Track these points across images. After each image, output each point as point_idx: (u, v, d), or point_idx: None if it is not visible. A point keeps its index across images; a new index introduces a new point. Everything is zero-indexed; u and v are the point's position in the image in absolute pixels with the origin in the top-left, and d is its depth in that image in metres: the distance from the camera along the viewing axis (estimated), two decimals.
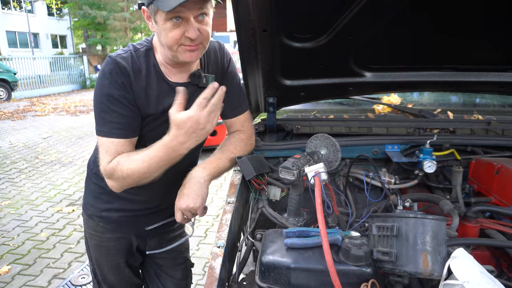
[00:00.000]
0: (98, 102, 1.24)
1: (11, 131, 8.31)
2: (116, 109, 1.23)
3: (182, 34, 1.15)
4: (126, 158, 1.23)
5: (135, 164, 1.21)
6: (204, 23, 1.18)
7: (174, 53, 1.20)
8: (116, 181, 1.26)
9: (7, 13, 22.79)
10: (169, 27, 1.14)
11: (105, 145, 1.24)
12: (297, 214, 1.32)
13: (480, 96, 2.54)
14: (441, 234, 0.93)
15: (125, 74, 1.22)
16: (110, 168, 1.23)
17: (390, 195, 1.36)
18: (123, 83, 1.22)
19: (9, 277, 2.97)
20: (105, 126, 1.24)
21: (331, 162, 1.50)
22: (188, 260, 1.80)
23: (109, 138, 1.24)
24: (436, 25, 1.26)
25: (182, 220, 1.28)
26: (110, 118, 1.23)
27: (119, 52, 1.27)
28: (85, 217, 1.56)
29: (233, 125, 1.52)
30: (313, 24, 1.23)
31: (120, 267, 1.59)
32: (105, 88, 1.22)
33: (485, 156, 1.62)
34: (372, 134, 1.73)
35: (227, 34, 22.59)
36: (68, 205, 4.38)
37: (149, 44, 1.32)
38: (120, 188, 1.29)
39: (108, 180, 1.28)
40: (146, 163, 1.20)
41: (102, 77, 1.23)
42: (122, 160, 1.23)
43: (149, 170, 1.21)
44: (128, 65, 1.23)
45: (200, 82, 1.35)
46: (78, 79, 17.91)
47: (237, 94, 1.49)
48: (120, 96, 1.22)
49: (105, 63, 1.24)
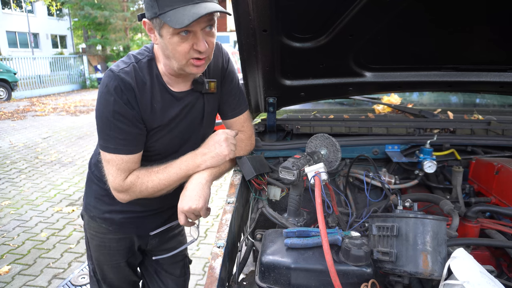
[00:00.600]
0: (103, 118, 1.21)
1: (11, 131, 8.31)
2: (122, 126, 1.21)
3: (190, 48, 1.14)
4: (145, 173, 1.29)
5: (156, 176, 1.28)
6: (211, 35, 1.17)
7: (181, 67, 1.19)
8: (130, 195, 1.30)
9: (7, 13, 22.78)
10: (177, 41, 1.12)
11: (115, 162, 1.25)
12: (297, 214, 1.32)
13: (480, 96, 2.54)
14: (441, 234, 0.93)
15: (130, 90, 1.20)
16: (128, 183, 1.26)
17: (390, 195, 1.36)
18: (128, 99, 1.20)
19: (9, 277, 2.97)
20: (111, 142, 1.23)
21: (331, 162, 1.50)
22: (186, 257, 1.82)
23: (117, 154, 1.24)
24: (436, 25, 1.26)
25: (185, 223, 1.27)
26: (116, 134, 1.21)
27: (121, 66, 1.22)
28: (87, 218, 1.55)
29: (233, 125, 1.52)
30: (313, 24, 1.23)
31: (121, 266, 1.59)
32: (109, 105, 1.19)
33: (485, 156, 1.62)
34: (372, 134, 1.73)
35: (227, 34, 22.59)
36: (68, 205, 4.38)
37: (151, 53, 1.29)
38: (128, 200, 1.32)
39: (120, 193, 1.30)
40: (166, 173, 1.28)
41: (106, 93, 1.19)
42: (141, 175, 1.28)
43: (168, 180, 1.29)
44: (133, 80, 1.20)
45: (203, 89, 1.35)
46: (78, 79, 17.92)
47: (237, 94, 1.49)
48: (126, 113, 1.20)
49: (108, 78, 1.20)
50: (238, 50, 1.26)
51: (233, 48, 15.53)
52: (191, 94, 1.35)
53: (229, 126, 1.54)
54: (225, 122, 1.54)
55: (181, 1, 1.06)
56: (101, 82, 1.24)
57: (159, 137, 1.33)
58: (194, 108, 1.37)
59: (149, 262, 1.71)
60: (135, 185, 1.27)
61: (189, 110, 1.36)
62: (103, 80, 1.22)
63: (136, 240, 1.57)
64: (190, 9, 1.05)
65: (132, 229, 1.53)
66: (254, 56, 1.29)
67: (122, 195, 1.30)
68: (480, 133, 1.74)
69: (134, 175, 1.27)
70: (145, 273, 1.75)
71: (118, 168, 1.25)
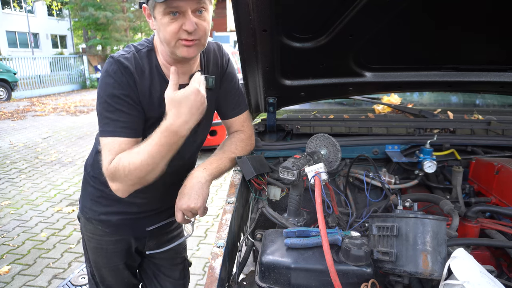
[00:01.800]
0: (102, 102, 1.21)
1: (11, 131, 8.31)
2: (121, 108, 1.20)
3: (179, 28, 1.14)
4: (126, 153, 1.18)
5: (136, 157, 1.15)
6: (202, 19, 1.17)
7: (172, 49, 1.19)
8: (119, 181, 1.19)
9: (7, 13, 22.79)
10: (167, 22, 1.13)
11: (109, 145, 1.20)
12: (297, 214, 1.32)
13: (480, 96, 2.54)
14: (441, 234, 0.93)
15: (129, 74, 1.21)
16: (112, 167, 1.17)
17: (390, 195, 1.36)
18: (128, 82, 1.21)
19: (9, 277, 2.97)
20: (110, 125, 1.20)
21: (331, 162, 1.50)
22: (186, 260, 1.80)
23: (114, 137, 1.20)
24: (436, 25, 1.26)
25: (182, 220, 1.27)
26: (115, 117, 1.20)
27: (121, 53, 1.25)
28: (83, 220, 1.53)
29: (233, 125, 1.52)
30: (313, 24, 1.23)
31: (119, 269, 1.58)
32: (109, 87, 1.20)
33: (485, 156, 1.62)
34: (372, 134, 1.73)
35: (227, 34, 22.56)
36: (68, 205, 4.38)
37: (150, 44, 1.31)
38: (125, 190, 1.23)
39: (111, 182, 1.22)
40: (148, 153, 1.14)
41: (106, 77, 1.21)
42: (123, 156, 1.17)
43: (153, 161, 1.15)
44: (132, 65, 1.22)
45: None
46: (78, 79, 17.92)
47: (236, 94, 1.49)
48: (125, 95, 1.21)
49: (108, 63, 1.22)
50: (238, 50, 1.26)
51: (233, 48, 15.52)
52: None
53: (228, 126, 1.54)
54: (225, 122, 1.54)
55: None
56: (101, 71, 1.25)
57: (155, 129, 1.31)
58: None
59: (148, 265, 1.70)
60: (118, 169, 1.16)
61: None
62: (103, 67, 1.24)
63: (134, 242, 1.55)
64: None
65: (129, 231, 1.52)
66: (254, 56, 1.29)
67: (114, 184, 1.21)
68: (480, 133, 1.74)
69: (117, 157, 1.17)
70: (144, 276, 1.74)
71: (109, 150, 1.19)
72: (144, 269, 1.72)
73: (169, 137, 1.14)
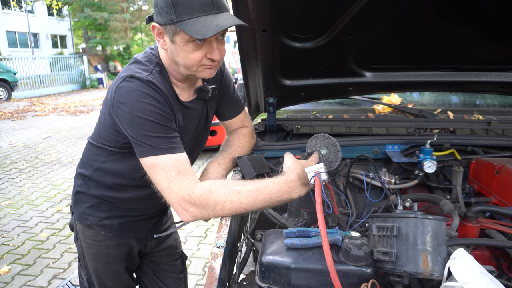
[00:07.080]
0: (144, 122, 1.10)
1: (11, 131, 8.31)
2: (167, 124, 1.14)
3: (204, 56, 1.12)
4: (220, 187, 1.09)
5: (237, 197, 1.07)
6: (223, 43, 1.17)
7: (192, 72, 1.17)
8: (205, 211, 1.09)
9: (7, 13, 22.77)
10: (191, 49, 1.10)
11: (172, 165, 1.09)
12: (297, 214, 1.32)
13: (480, 96, 2.54)
14: (441, 234, 0.93)
15: (161, 91, 1.15)
16: (199, 196, 1.07)
17: (390, 195, 1.36)
18: (165, 99, 1.16)
19: (9, 277, 2.97)
20: (162, 142, 1.10)
21: (331, 162, 1.50)
22: (183, 254, 1.82)
23: (170, 154, 1.10)
24: (436, 25, 1.26)
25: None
26: (164, 134, 1.12)
27: (143, 73, 1.16)
28: (81, 227, 1.47)
29: (233, 124, 1.53)
30: (313, 24, 1.23)
31: (120, 273, 1.56)
32: (149, 106, 1.10)
33: (485, 156, 1.62)
34: (372, 134, 1.73)
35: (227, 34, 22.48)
36: (68, 205, 4.38)
37: (158, 60, 1.24)
38: (203, 218, 1.13)
39: (191, 207, 1.09)
40: (253, 198, 1.07)
41: (141, 97, 1.11)
42: (214, 190, 1.08)
43: (254, 206, 1.08)
44: (159, 83, 1.17)
45: (207, 97, 1.35)
46: (78, 79, 17.94)
47: (234, 96, 1.51)
48: (166, 112, 1.15)
49: (136, 84, 1.12)
50: (238, 50, 1.26)
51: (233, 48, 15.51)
52: (196, 102, 1.34)
53: (228, 126, 1.55)
54: (225, 123, 1.55)
55: (201, 10, 1.04)
56: (125, 91, 1.13)
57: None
58: (200, 116, 1.38)
59: (147, 265, 1.70)
60: (208, 202, 1.07)
61: (198, 120, 1.36)
62: (128, 89, 1.12)
63: (135, 244, 1.54)
64: (211, 20, 1.03)
65: (131, 233, 1.51)
66: (254, 56, 1.29)
67: (194, 209, 1.09)
68: (480, 133, 1.74)
69: (206, 189, 1.08)
70: (143, 277, 1.73)
71: (179, 172, 1.09)
72: (143, 270, 1.72)
73: (282, 191, 1.09)
